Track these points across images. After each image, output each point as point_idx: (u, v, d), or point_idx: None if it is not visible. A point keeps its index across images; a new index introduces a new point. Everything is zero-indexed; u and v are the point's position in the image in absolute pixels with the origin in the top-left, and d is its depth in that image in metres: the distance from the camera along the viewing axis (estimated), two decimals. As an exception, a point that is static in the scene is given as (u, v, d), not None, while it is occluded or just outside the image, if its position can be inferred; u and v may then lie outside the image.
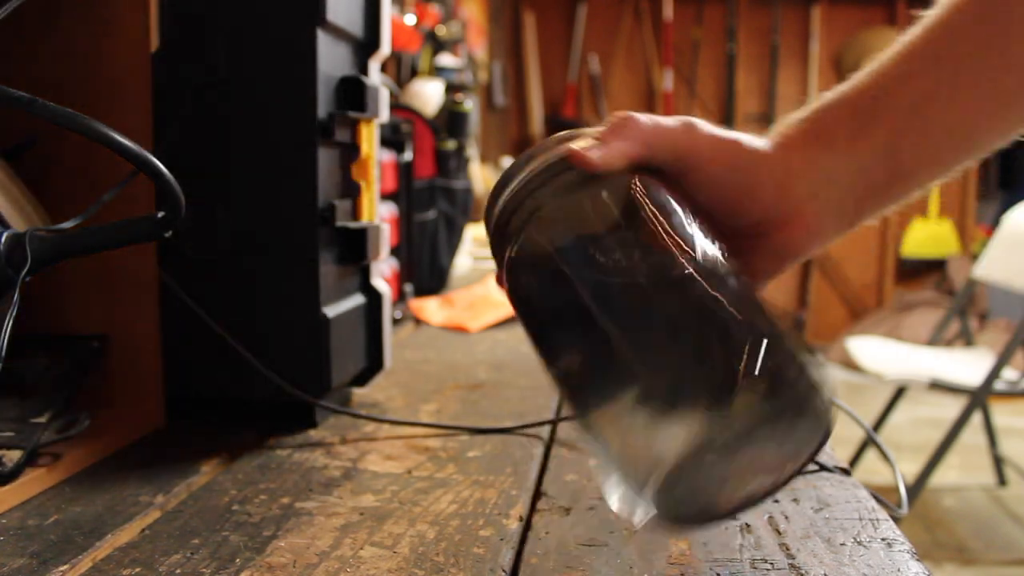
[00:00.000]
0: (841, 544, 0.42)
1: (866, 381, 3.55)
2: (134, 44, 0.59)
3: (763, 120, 4.67)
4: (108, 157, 0.46)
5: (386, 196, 1.05)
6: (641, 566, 0.41)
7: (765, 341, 0.33)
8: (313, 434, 0.62)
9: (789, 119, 0.45)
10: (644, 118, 0.43)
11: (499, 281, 0.42)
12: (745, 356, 0.32)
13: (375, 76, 0.71)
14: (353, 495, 0.50)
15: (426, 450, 0.59)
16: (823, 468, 0.53)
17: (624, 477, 0.36)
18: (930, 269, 4.74)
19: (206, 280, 0.62)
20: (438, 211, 1.29)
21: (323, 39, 0.60)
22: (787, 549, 0.42)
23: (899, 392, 2.70)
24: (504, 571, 0.40)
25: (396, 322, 1.06)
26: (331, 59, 0.62)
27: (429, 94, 1.66)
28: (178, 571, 0.40)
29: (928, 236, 4.63)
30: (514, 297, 0.41)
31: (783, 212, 0.43)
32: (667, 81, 4.72)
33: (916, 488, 2.38)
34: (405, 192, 1.12)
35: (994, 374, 2.25)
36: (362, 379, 0.72)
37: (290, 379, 0.61)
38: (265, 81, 0.60)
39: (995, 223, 3.33)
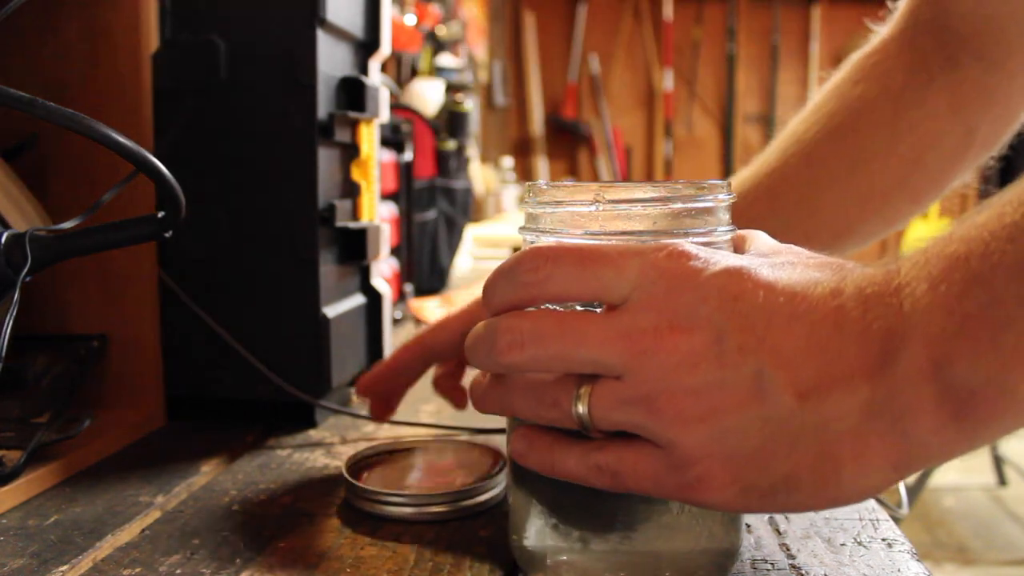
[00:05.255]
0: (841, 544, 0.42)
1: (866, 381, 3.54)
2: (134, 44, 0.59)
3: (763, 120, 4.66)
4: (108, 157, 0.46)
5: (386, 196, 1.05)
6: (641, 566, 0.41)
7: None
8: (313, 434, 0.62)
9: None
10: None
11: None
12: None
13: (375, 76, 0.71)
14: (353, 495, 0.50)
15: (426, 450, 0.59)
16: (823, 468, 0.53)
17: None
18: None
19: (206, 280, 0.62)
20: (438, 211, 1.29)
21: (323, 39, 0.60)
22: (787, 549, 0.42)
23: (899, 392, 2.69)
24: (504, 571, 0.40)
25: (396, 322, 1.05)
26: (331, 59, 0.62)
27: (429, 94, 1.66)
28: (178, 571, 0.40)
29: (928, 236, 4.63)
30: None
31: None
32: (667, 81, 4.73)
33: (916, 488, 2.38)
34: (405, 192, 1.12)
35: (994, 374, 2.25)
36: (362, 379, 0.72)
37: (290, 379, 0.61)
38: (265, 81, 0.60)
39: (995, 223, 3.32)
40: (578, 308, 0.35)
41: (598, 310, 0.34)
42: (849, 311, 0.30)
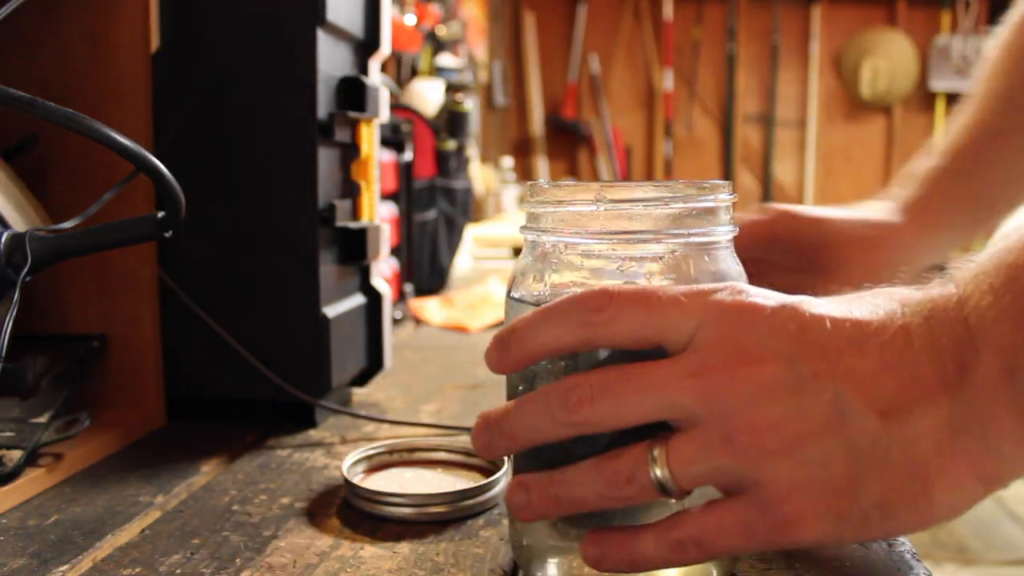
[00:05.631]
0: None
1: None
2: (134, 45, 0.59)
3: (763, 120, 4.66)
4: (108, 157, 0.46)
5: (386, 196, 1.05)
6: (641, 566, 0.41)
7: None
8: (313, 434, 0.62)
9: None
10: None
11: None
12: None
13: (375, 76, 0.71)
14: (353, 495, 0.50)
15: (426, 450, 0.59)
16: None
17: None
18: (930, 269, 4.75)
19: (206, 280, 0.62)
20: (438, 211, 1.29)
21: (323, 39, 0.60)
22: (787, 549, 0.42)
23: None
24: (504, 571, 0.40)
25: (396, 322, 1.06)
26: (331, 59, 0.62)
27: (429, 94, 1.66)
28: (178, 571, 0.40)
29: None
30: None
31: None
32: (667, 81, 4.73)
33: (916, 488, 2.37)
34: (405, 192, 1.12)
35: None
36: (362, 379, 0.72)
37: (290, 379, 0.61)
38: (265, 81, 0.60)
39: (995, 223, 3.32)
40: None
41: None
42: (915, 329, 0.30)
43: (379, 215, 0.71)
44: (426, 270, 1.27)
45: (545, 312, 0.33)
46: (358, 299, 0.69)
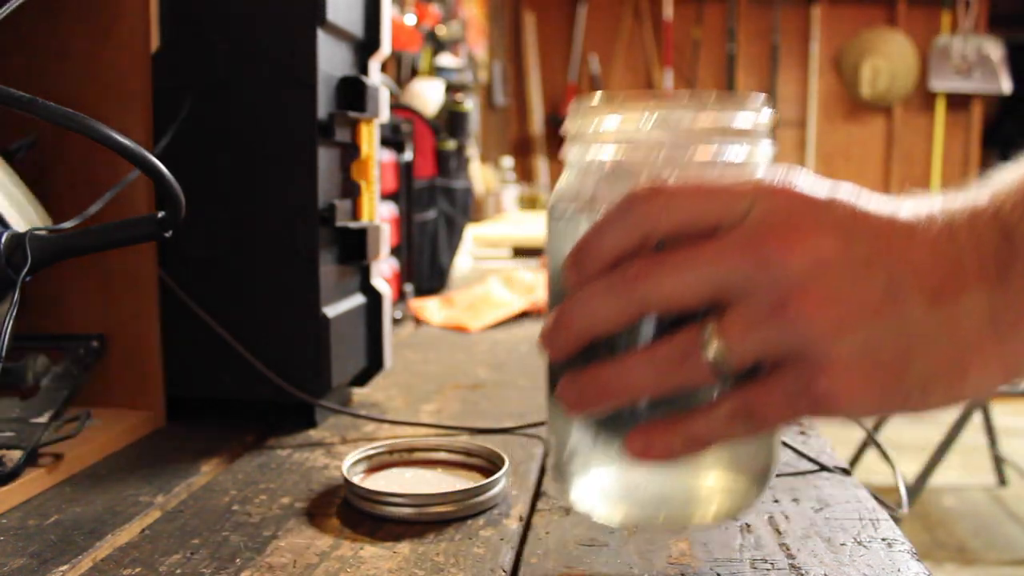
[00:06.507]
0: (841, 544, 0.42)
1: (866, 381, 3.53)
2: (134, 45, 0.59)
3: (763, 120, 4.67)
4: (108, 157, 0.46)
5: (386, 196, 1.05)
6: (641, 566, 0.41)
7: None
8: (313, 434, 0.62)
9: None
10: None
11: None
12: None
13: (375, 76, 0.71)
14: (353, 495, 0.50)
15: (426, 450, 0.59)
16: (823, 468, 0.53)
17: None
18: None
19: (206, 280, 0.62)
20: (438, 211, 1.29)
21: (323, 39, 0.60)
22: (787, 549, 0.42)
23: (899, 392, 2.69)
24: (504, 571, 0.40)
25: (396, 322, 1.06)
26: (331, 59, 0.62)
27: (429, 94, 1.66)
28: (178, 571, 0.40)
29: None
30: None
31: None
32: (667, 81, 4.72)
33: (916, 488, 2.38)
34: (405, 192, 1.12)
35: (994, 374, 2.25)
36: (362, 379, 0.72)
37: (290, 379, 0.61)
38: (265, 81, 0.60)
39: (995, 223, 3.32)
40: None
41: None
42: (957, 227, 0.31)
43: (379, 215, 0.71)
44: (426, 270, 1.27)
45: (603, 221, 0.33)
46: (358, 299, 0.69)
